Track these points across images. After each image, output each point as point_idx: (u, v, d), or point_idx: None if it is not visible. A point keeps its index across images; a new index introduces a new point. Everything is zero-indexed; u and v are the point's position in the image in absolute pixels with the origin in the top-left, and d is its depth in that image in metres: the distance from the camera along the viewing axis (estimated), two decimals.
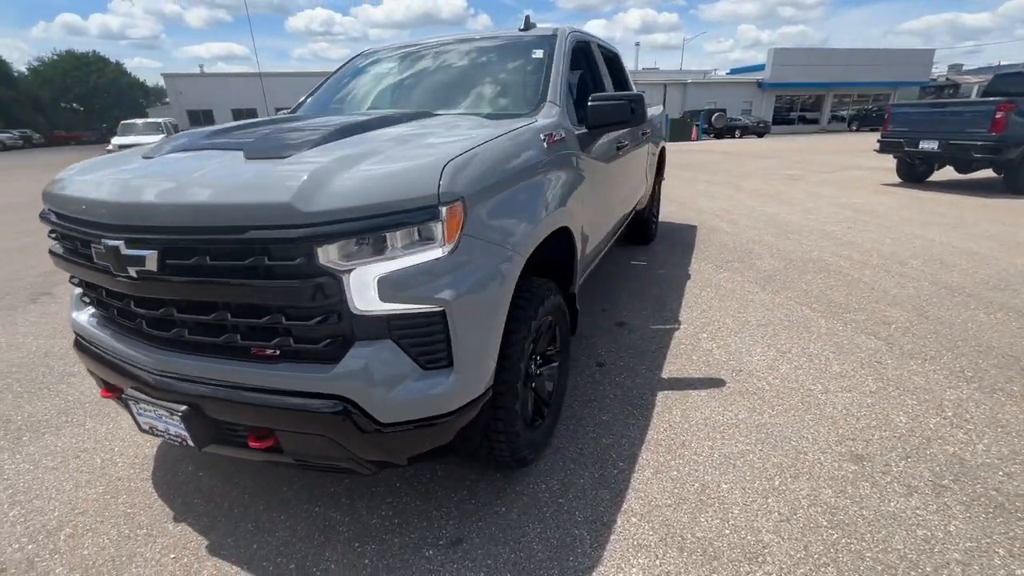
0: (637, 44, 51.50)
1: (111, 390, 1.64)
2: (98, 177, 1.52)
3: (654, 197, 4.85)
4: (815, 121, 38.94)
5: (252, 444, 1.38)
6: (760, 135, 29.66)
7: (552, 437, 2.10)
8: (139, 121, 17.09)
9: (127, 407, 1.58)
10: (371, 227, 1.21)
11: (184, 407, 1.39)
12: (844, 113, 38.31)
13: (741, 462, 1.94)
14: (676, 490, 1.81)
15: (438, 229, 1.26)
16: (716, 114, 29.94)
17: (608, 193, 2.73)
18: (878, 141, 8.74)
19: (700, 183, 9.52)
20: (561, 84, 2.24)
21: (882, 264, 4.26)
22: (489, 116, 2.07)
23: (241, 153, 1.46)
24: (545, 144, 1.85)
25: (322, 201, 1.19)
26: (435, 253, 1.27)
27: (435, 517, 1.74)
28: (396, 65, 2.78)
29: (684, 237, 5.44)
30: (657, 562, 1.52)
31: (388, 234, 1.22)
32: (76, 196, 1.48)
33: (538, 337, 1.92)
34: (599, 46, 3.23)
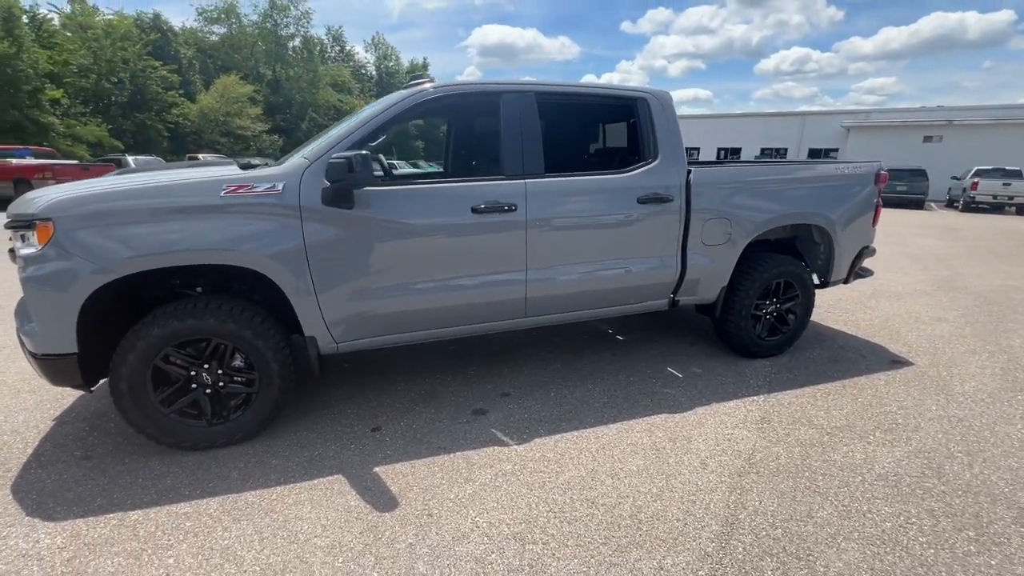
0: None
1: None
2: None
3: (748, 288, 3.25)
4: None
5: None
6: None
7: (221, 445, 2.34)
8: None
9: None
10: (16, 225, 2.08)
11: None
12: None
13: None
14: None
15: (33, 236, 2.01)
16: None
17: (416, 258, 2.55)
18: None
19: None
20: (335, 141, 2.37)
21: None
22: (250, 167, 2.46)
23: None
24: (222, 193, 2.15)
25: (13, 210, 2.15)
26: (32, 250, 2.02)
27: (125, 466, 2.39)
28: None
29: (847, 368, 3.35)
30: None
31: (21, 231, 2.07)
32: None
33: (201, 351, 2.25)
34: (548, 95, 2.73)
